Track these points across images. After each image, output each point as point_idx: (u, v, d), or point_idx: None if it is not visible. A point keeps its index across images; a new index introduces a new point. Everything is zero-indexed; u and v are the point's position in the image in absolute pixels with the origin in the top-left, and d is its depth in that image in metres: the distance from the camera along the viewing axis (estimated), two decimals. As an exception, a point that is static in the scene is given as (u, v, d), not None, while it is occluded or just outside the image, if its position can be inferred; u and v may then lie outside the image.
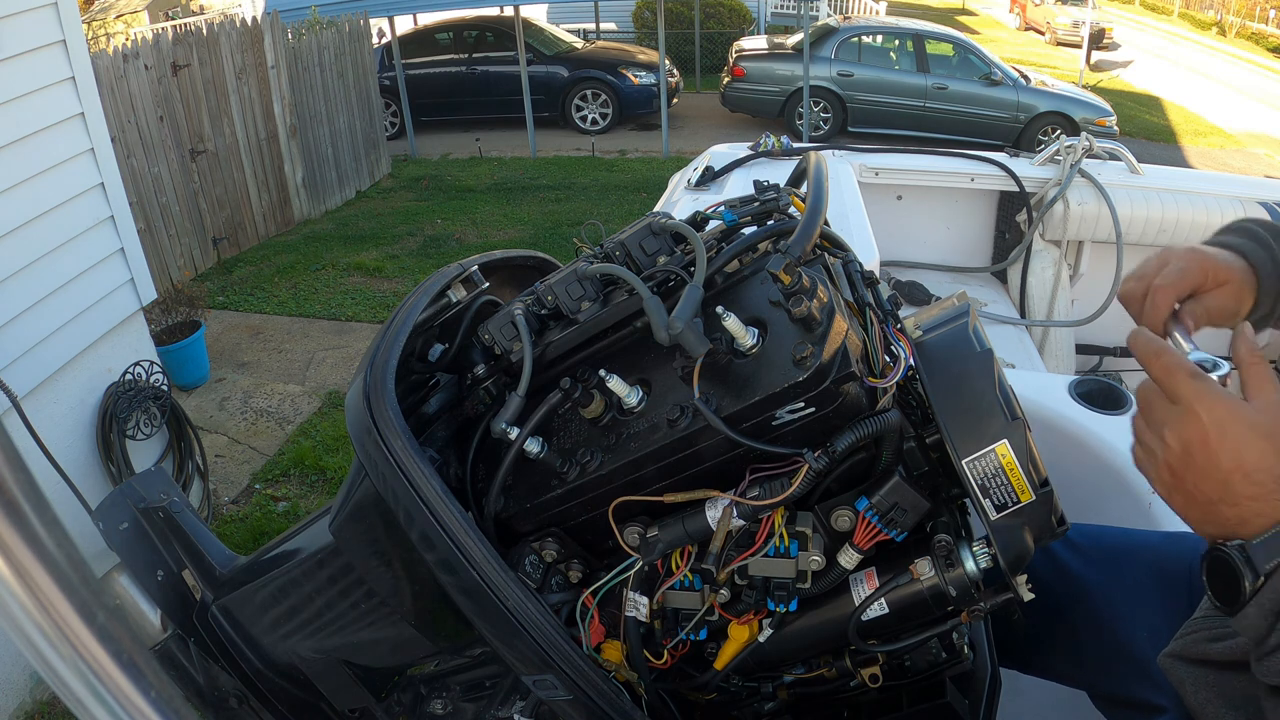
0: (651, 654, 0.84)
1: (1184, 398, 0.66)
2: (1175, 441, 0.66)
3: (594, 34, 15.23)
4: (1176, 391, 0.67)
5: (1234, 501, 0.63)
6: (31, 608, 0.30)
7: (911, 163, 3.32)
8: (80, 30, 3.24)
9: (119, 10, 13.72)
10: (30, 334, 3.05)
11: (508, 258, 1.10)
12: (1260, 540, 0.62)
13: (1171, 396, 0.68)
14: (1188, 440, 0.65)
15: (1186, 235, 3.08)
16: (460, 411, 0.97)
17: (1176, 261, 0.82)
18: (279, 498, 4.04)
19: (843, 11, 16.54)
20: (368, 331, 5.72)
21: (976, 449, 0.73)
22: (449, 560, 0.76)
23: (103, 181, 3.37)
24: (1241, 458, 0.63)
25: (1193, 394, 0.66)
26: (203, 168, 6.64)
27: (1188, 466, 0.65)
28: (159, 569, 1.07)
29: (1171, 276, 0.81)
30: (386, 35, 11.07)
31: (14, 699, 2.95)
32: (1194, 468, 0.65)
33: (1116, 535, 1.17)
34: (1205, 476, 0.64)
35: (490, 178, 9.52)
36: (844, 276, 0.87)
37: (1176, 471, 0.66)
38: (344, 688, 1.04)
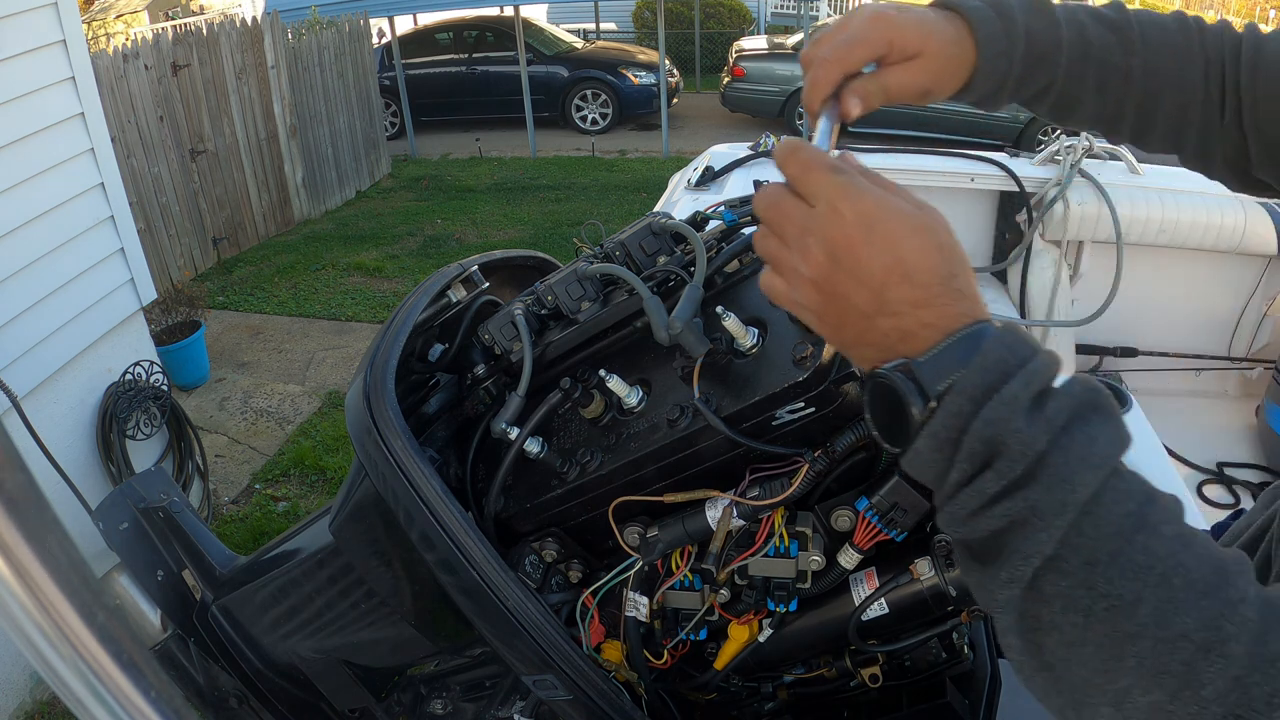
0: (651, 654, 0.84)
1: (822, 195, 0.54)
2: (818, 247, 0.53)
3: (594, 34, 15.23)
4: (813, 190, 0.54)
5: (894, 310, 0.52)
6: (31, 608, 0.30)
7: (911, 163, 3.32)
8: (80, 30, 3.24)
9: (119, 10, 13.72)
10: (30, 334, 3.05)
11: (508, 258, 1.10)
12: (927, 356, 0.51)
13: (809, 197, 0.55)
14: (832, 243, 0.53)
15: (1186, 235, 3.08)
16: (460, 411, 0.97)
17: (852, 29, 0.66)
18: (279, 498, 4.04)
19: (843, 11, 16.54)
20: (368, 331, 5.72)
21: (976, 449, 0.72)
22: (449, 560, 0.76)
23: (103, 181, 3.37)
24: (899, 255, 0.52)
25: (833, 188, 0.53)
26: (203, 168, 6.64)
27: (835, 276, 0.53)
28: (159, 569, 1.07)
29: (839, 48, 0.65)
30: (386, 35, 11.08)
31: (14, 699, 2.95)
32: (843, 276, 0.53)
33: None
34: (858, 284, 0.52)
35: (490, 178, 9.52)
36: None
37: (823, 287, 0.54)
38: (344, 688, 1.04)
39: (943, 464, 0.50)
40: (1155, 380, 3.34)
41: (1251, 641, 0.44)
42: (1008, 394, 0.48)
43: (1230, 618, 0.45)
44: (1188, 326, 3.27)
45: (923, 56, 0.67)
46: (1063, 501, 0.47)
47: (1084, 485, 0.47)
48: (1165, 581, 0.46)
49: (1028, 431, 0.47)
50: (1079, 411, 0.49)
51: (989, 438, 0.48)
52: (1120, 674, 0.46)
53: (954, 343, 0.50)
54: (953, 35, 0.69)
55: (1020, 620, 0.49)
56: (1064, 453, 0.48)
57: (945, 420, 0.49)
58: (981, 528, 0.49)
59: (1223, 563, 0.47)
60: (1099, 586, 0.46)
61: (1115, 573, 0.46)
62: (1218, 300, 3.25)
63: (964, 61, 0.70)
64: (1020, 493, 0.48)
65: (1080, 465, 0.47)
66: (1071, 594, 0.47)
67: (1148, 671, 0.45)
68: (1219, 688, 0.44)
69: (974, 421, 0.48)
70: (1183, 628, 0.45)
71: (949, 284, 0.52)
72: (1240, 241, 3.06)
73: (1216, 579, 0.46)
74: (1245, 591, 0.46)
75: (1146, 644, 0.45)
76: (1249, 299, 3.23)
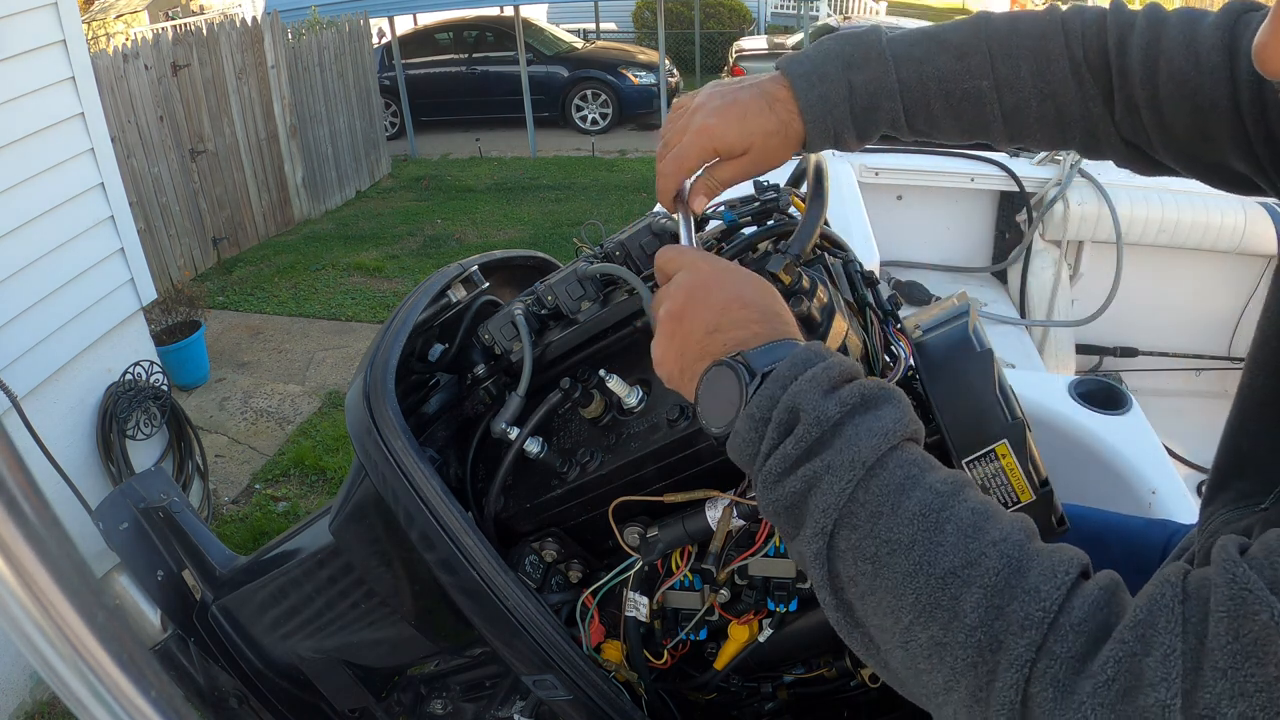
0: (651, 654, 0.84)
1: (689, 262, 0.71)
2: (679, 291, 0.68)
3: (594, 34, 15.23)
4: (683, 261, 0.71)
5: (731, 325, 0.65)
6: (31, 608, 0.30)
7: (911, 163, 3.32)
8: (80, 30, 3.24)
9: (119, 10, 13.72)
10: (30, 334, 3.05)
11: (508, 258, 1.10)
12: (756, 349, 0.62)
13: (680, 268, 0.71)
14: (693, 285, 0.68)
15: (1186, 235, 3.08)
16: (460, 411, 0.97)
17: (684, 145, 0.80)
18: (279, 498, 4.04)
19: (843, 11, 16.54)
20: (368, 331, 5.72)
21: (976, 449, 0.73)
22: (449, 560, 0.76)
23: (103, 181, 3.37)
24: (737, 291, 0.67)
25: (697, 256, 0.72)
26: (203, 168, 6.64)
27: (689, 308, 0.67)
28: (159, 569, 1.07)
29: (674, 163, 0.80)
30: (386, 35, 11.07)
31: (14, 699, 2.95)
32: (695, 306, 0.67)
33: (1097, 517, 1.17)
34: (706, 310, 0.66)
35: (490, 178, 9.52)
36: (844, 276, 0.87)
37: (677, 315, 0.68)
38: (344, 688, 1.04)
39: (757, 440, 0.59)
40: (1155, 380, 3.33)
41: (1010, 573, 0.50)
42: (808, 376, 0.58)
43: (990, 554, 0.51)
44: (1188, 326, 3.27)
45: (749, 153, 0.80)
46: (851, 461, 0.55)
47: (870, 450, 0.55)
48: (937, 527, 0.52)
49: (823, 404, 0.57)
50: (869, 398, 0.58)
51: (792, 407, 0.58)
52: (903, 612, 0.52)
53: (776, 344, 0.63)
54: (773, 126, 0.80)
55: (829, 577, 0.56)
56: (854, 425, 0.57)
57: (760, 401, 0.59)
58: (788, 490, 0.57)
59: (990, 511, 0.53)
60: (881, 534, 0.53)
61: (895, 521, 0.53)
62: (1218, 300, 3.25)
63: (789, 136, 0.81)
64: (817, 456, 0.56)
65: (867, 434, 0.56)
66: (861, 545, 0.54)
67: (924, 607, 0.51)
68: (981, 615, 0.49)
69: (782, 397, 0.58)
70: (950, 565, 0.51)
71: (774, 310, 0.66)
72: (1240, 241, 3.06)
73: (982, 522, 0.52)
74: (1008, 533, 0.52)
75: (921, 581, 0.51)
76: (1249, 299, 3.22)
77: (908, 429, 0.57)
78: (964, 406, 0.74)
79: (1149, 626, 0.46)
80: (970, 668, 0.49)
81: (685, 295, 0.68)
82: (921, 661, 0.52)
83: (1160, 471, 1.58)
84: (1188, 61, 0.76)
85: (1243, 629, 0.43)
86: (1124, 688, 0.45)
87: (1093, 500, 1.22)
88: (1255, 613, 0.43)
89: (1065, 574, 0.49)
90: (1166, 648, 0.45)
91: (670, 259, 0.73)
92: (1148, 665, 0.45)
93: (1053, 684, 0.47)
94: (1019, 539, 0.52)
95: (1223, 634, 0.44)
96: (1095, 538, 1.12)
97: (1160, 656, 0.45)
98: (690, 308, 0.67)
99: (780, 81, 0.81)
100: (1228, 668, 0.43)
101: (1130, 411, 1.73)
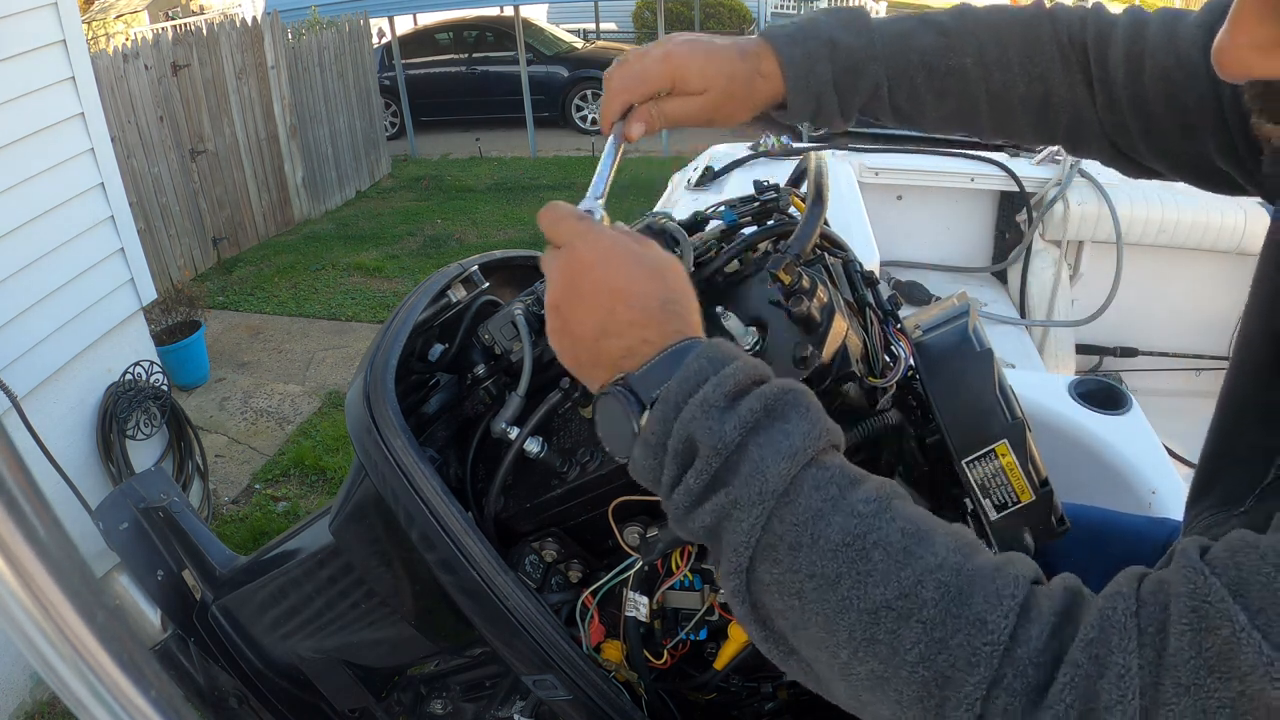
0: (651, 654, 0.84)
1: (565, 239, 0.62)
2: (559, 277, 0.61)
3: (594, 34, 15.22)
4: (561, 237, 0.63)
5: (618, 331, 0.58)
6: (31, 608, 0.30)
7: (911, 163, 3.32)
8: (80, 30, 3.24)
9: (119, 10, 13.72)
10: (30, 334, 3.05)
11: (508, 258, 1.10)
12: (641, 371, 0.56)
13: (558, 242, 0.64)
14: (572, 273, 0.61)
15: (1186, 235, 3.08)
16: (460, 411, 0.97)
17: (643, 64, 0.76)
18: (279, 498, 4.04)
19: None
20: (368, 331, 5.72)
21: (976, 449, 0.73)
22: (449, 560, 0.76)
23: (103, 181, 3.37)
24: (621, 283, 0.59)
25: (576, 232, 0.62)
26: (203, 168, 6.64)
27: (570, 301, 0.60)
28: (159, 569, 1.07)
29: (627, 80, 0.76)
30: (386, 35, 11.07)
31: (14, 699, 2.95)
32: (578, 300, 0.60)
33: (1097, 516, 1.17)
34: (590, 307, 0.59)
35: (490, 178, 9.52)
36: (844, 276, 0.87)
37: (562, 311, 0.61)
38: (344, 688, 1.04)
39: (657, 468, 0.54)
40: (1155, 380, 3.33)
41: (950, 603, 0.46)
42: (700, 397, 0.52)
43: (926, 583, 0.47)
44: (1188, 326, 3.27)
45: (706, 94, 0.76)
46: (760, 493, 0.50)
47: (778, 476, 0.50)
48: (864, 555, 0.48)
49: (719, 429, 0.51)
50: (772, 408, 0.53)
51: (687, 437, 0.52)
52: (839, 648, 0.48)
53: (664, 357, 0.56)
54: (740, 72, 0.77)
55: (752, 610, 0.52)
56: (758, 447, 0.51)
57: (653, 427, 0.54)
58: (698, 524, 0.52)
59: (921, 528, 0.49)
60: (803, 569, 0.49)
61: (816, 553, 0.49)
62: (1218, 300, 3.25)
63: (756, 91, 0.78)
64: (723, 489, 0.51)
65: (774, 457, 0.50)
66: (784, 580, 0.50)
67: (860, 642, 0.47)
68: (921, 651, 0.46)
69: (675, 424, 0.53)
70: (883, 598, 0.47)
71: (666, 307, 0.58)
72: (1240, 241, 3.06)
73: (914, 545, 0.48)
74: (944, 556, 0.48)
75: (853, 617, 0.47)
76: (1249, 299, 3.22)
77: (820, 440, 0.52)
78: (964, 406, 0.74)
79: (1102, 645, 0.43)
80: (916, 701, 0.46)
81: (565, 284, 0.61)
82: (865, 694, 0.49)
83: (1160, 471, 1.58)
84: (1170, 60, 0.76)
85: (1205, 643, 0.41)
86: (1081, 713, 0.43)
87: (1093, 500, 1.22)
88: (1217, 626, 0.41)
89: (1012, 598, 0.46)
90: (1121, 667, 0.42)
91: (551, 226, 0.64)
92: (1102, 688, 0.42)
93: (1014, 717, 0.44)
94: (956, 561, 0.47)
95: (1185, 648, 0.41)
96: (1095, 537, 1.12)
97: (1114, 677, 0.42)
98: (572, 302, 0.60)
99: (760, 42, 0.80)
100: (1190, 684, 0.41)
101: (1130, 411, 1.73)
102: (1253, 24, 0.49)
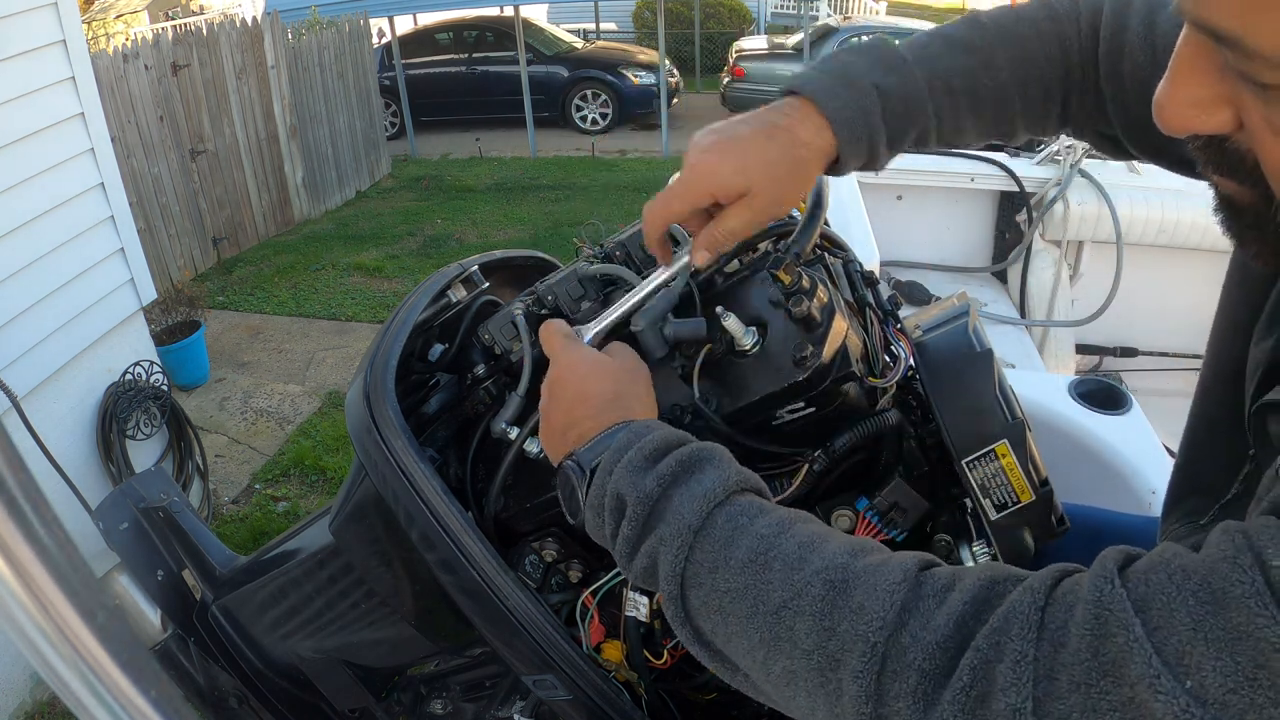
0: (651, 654, 0.84)
1: (553, 352, 0.76)
2: (545, 388, 0.75)
3: (594, 34, 15.22)
4: (550, 350, 0.76)
5: (577, 423, 0.70)
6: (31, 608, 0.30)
7: (911, 163, 3.31)
8: (80, 30, 3.23)
9: (119, 10, 13.72)
10: (30, 334, 3.05)
11: (508, 258, 1.10)
12: (584, 446, 0.68)
13: (549, 356, 0.76)
14: (551, 381, 0.74)
15: (1186, 235, 3.08)
16: (460, 411, 0.97)
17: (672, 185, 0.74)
18: (279, 498, 4.04)
19: (843, 11, 16.53)
20: (368, 331, 5.72)
21: (976, 449, 0.73)
22: (449, 560, 0.76)
23: (103, 181, 3.37)
24: (584, 388, 0.71)
25: (558, 348, 0.75)
26: (203, 168, 6.64)
27: (549, 403, 0.73)
28: (159, 569, 1.07)
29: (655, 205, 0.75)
30: (386, 35, 11.07)
31: (14, 699, 2.95)
32: (552, 402, 0.73)
33: (1097, 516, 1.17)
34: (559, 408, 0.72)
35: (490, 178, 9.52)
36: (844, 276, 0.87)
37: (545, 410, 0.74)
38: (344, 688, 1.04)
39: (600, 524, 0.65)
40: (1155, 380, 3.33)
41: (835, 595, 0.52)
42: (626, 460, 0.63)
43: (814, 582, 0.53)
44: (1188, 326, 3.27)
45: (752, 193, 0.72)
46: (678, 529, 0.59)
47: (693, 514, 0.59)
48: (765, 566, 0.55)
49: (642, 484, 0.62)
50: (687, 465, 0.62)
51: (618, 494, 0.63)
52: (756, 650, 0.55)
53: (603, 435, 0.68)
54: (779, 155, 0.72)
55: (693, 634, 0.60)
56: (677, 494, 0.61)
57: (594, 490, 0.65)
58: (639, 566, 0.62)
59: (816, 541, 0.56)
60: (720, 586, 0.57)
61: (728, 572, 0.57)
62: (1217, 300, 3.25)
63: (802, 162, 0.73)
64: (652, 533, 0.61)
65: (689, 500, 0.60)
66: (708, 600, 0.58)
67: (770, 642, 0.54)
68: (815, 640, 0.52)
69: (608, 484, 0.64)
70: (780, 599, 0.54)
71: (615, 402, 0.70)
72: (1240, 241, 3.05)
73: (806, 554, 0.55)
74: (830, 558, 0.54)
75: (760, 620, 0.54)
76: (1249, 299, 3.22)
77: (729, 484, 0.61)
78: (964, 406, 0.74)
79: (1003, 633, 0.47)
80: (820, 688, 0.52)
81: (547, 393, 0.74)
82: (785, 689, 0.54)
83: (1160, 471, 1.58)
84: (1145, 56, 0.75)
85: (1102, 648, 0.43)
86: (980, 693, 0.46)
87: (1093, 500, 1.22)
88: (1114, 634, 0.43)
89: (893, 587, 0.51)
90: (1018, 654, 0.45)
91: (543, 342, 0.78)
92: (1000, 671, 0.45)
93: (912, 696, 0.48)
94: (841, 561, 0.54)
95: (1083, 650, 0.44)
96: (1095, 537, 1.12)
97: (1011, 662, 0.45)
98: (549, 405, 0.73)
99: (794, 103, 0.74)
100: (1083, 683, 0.43)
101: (1130, 411, 1.73)
102: (1192, 81, 0.48)
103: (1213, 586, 0.42)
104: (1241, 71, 0.44)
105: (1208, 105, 0.48)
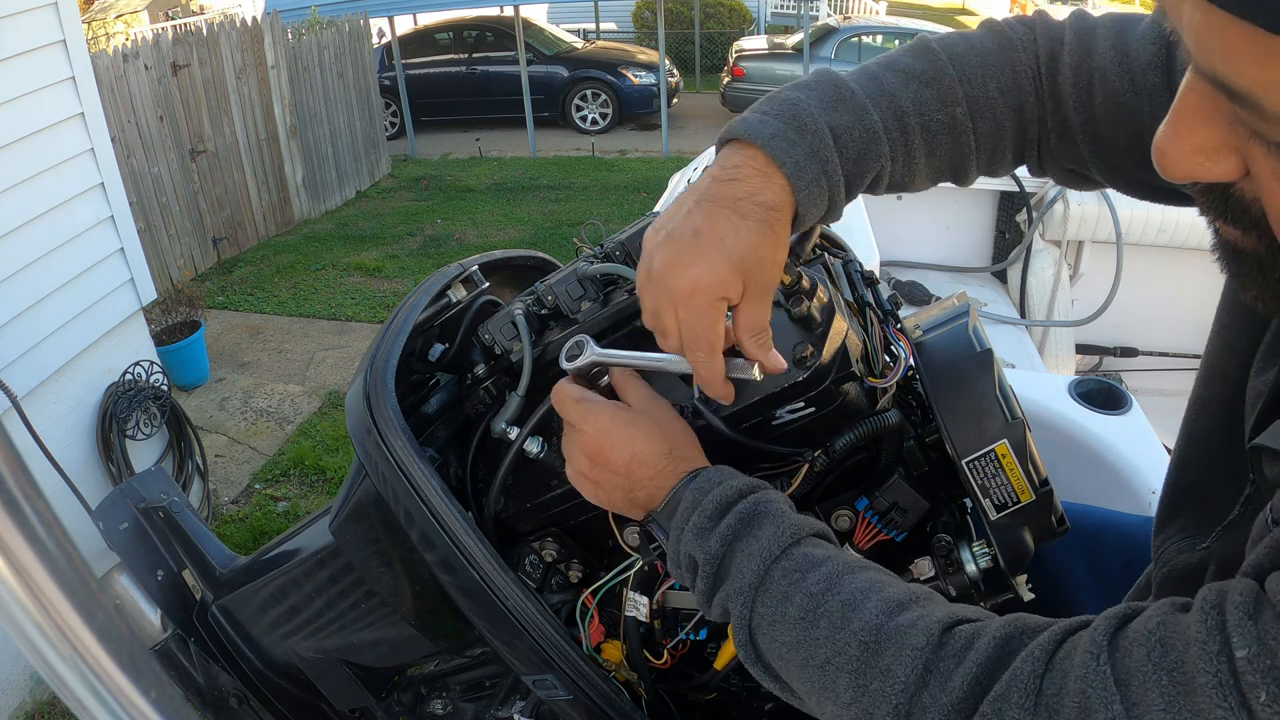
0: (651, 654, 0.84)
1: (574, 420, 0.75)
2: (580, 456, 0.74)
3: (594, 34, 15.23)
4: (570, 418, 0.75)
5: (640, 485, 0.72)
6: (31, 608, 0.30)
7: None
8: (80, 30, 3.23)
9: (119, 10, 13.72)
10: (30, 334, 3.05)
11: (508, 258, 1.10)
12: (659, 509, 0.72)
13: (570, 423, 0.75)
14: (589, 451, 0.73)
15: (1186, 236, 3.08)
16: (460, 411, 0.97)
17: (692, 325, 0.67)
18: (279, 498, 4.04)
19: (843, 11, 16.53)
20: (368, 331, 5.72)
21: (976, 449, 0.73)
22: (449, 560, 0.76)
23: (103, 181, 3.37)
24: (632, 450, 0.71)
25: (578, 415, 0.74)
26: (203, 168, 6.64)
27: (596, 471, 0.73)
28: (159, 569, 1.07)
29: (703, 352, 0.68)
30: (386, 35, 11.07)
31: (14, 699, 2.95)
32: (601, 470, 0.73)
33: (1097, 516, 1.17)
34: (613, 474, 0.72)
35: (490, 178, 9.52)
36: (844, 276, 0.87)
37: (592, 478, 0.74)
38: (344, 688, 1.04)
39: (682, 577, 0.71)
40: (1155, 380, 3.33)
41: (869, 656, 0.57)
42: (692, 525, 0.68)
43: (852, 643, 0.58)
44: (1188, 326, 3.27)
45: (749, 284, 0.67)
46: (741, 588, 0.65)
47: (753, 572, 0.65)
48: (813, 624, 0.61)
49: (708, 545, 0.67)
50: (746, 521, 0.67)
51: (689, 555, 0.68)
52: (809, 695, 0.62)
53: (674, 492, 0.71)
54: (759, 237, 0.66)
55: (764, 670, 0.66)
56: (739, 553, 0.66)
57: (671, 550, 0.70)
58: (716, 614, 0.68)
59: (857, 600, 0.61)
60: (779, 638, 0.63)
61: (785, 627, 0.63)
62: (1217, 300, 3.25)
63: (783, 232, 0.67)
64: (721, 589, 0.67)
65: (747, 559, 0.65)
66: (770, 647, 0.64)
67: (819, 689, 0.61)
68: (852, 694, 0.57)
69: (680, 547, 0.69)
70: (825, 655, 0.60)
71: (670, 456, 0.72)
72: (1240, 241, 3.05)
73: (849, 613, 0.60)
74: (868, 619, 0.59)
75: (811, 670, 0.61)
76: (1249, 299, 3.22)
77: (784, 540, 0.65)
78: (964, 406, 0.74)
79: (1005, 700, 0.51)
80: None
81: (588, 460, 0.73)
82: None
83: (1160, 471, 1.58)
84: (1122, 82, 0.72)
85: None
86: None
87: (1093, 500, 1.22)
88: (1096, 709, 0.47)
89: (915, 653, 0.55)
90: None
91: (559, 408, 0.76)
92: None
93: None
94: (876, 623, 0.59)
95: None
96: (1095, 537, 1.12)
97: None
98: (599, 473, 0.73)
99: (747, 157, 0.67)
100: None
101: (1130, 411, 1.73)
102: (1197, 128, 0.46)
103: (1185, 668, 0.45)
104: (1254, 129, 0.43)
105: (1213, 153, 0.47)
